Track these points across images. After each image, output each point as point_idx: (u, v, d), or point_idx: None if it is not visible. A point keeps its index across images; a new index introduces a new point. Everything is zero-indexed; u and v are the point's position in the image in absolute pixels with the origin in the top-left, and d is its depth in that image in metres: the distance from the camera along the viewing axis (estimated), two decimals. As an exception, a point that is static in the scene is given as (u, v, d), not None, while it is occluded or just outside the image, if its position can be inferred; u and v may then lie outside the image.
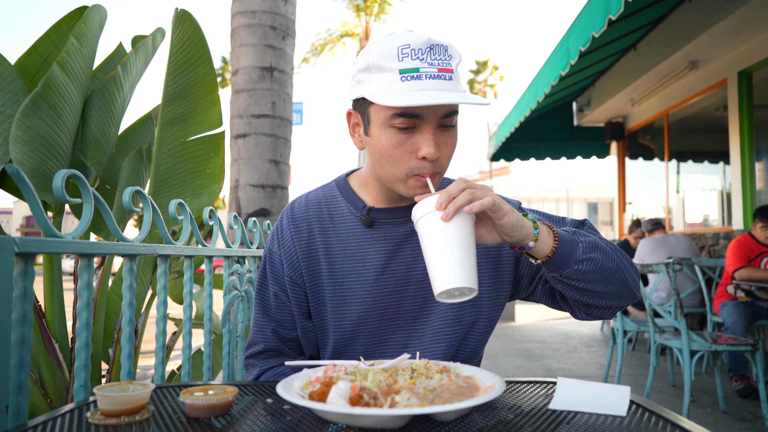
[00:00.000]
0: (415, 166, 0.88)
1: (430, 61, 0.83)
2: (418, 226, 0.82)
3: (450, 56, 0.85)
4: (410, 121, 0.86)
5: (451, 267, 0.77)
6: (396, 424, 0.63)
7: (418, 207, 0.82)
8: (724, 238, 5.14)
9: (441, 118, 0.87)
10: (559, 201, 36.20)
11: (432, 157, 0.86)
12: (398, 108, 0.85)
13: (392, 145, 0.87)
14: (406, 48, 0.83)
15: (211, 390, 0.72)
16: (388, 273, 0.98)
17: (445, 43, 0.85)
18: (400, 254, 0.98)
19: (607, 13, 3.16)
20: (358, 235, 0.99)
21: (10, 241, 0.75)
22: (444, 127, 0.89)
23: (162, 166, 2.01)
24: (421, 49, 0.83)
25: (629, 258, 0.97)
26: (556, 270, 0.88)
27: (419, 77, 0.83)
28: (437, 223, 0.79)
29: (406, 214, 0.98)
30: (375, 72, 0.86)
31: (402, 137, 0.87)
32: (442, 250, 0.78)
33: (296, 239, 1.00)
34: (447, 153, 0.90)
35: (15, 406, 0.75)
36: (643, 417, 0.67)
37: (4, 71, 1.61)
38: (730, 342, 2.81)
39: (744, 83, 5.01)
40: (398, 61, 0.83)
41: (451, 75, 0.85)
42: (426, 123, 0.86)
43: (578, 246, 0.88)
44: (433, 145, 0.86)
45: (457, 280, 0.76)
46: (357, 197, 1.01)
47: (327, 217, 1.01)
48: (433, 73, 0.83)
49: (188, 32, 2.03)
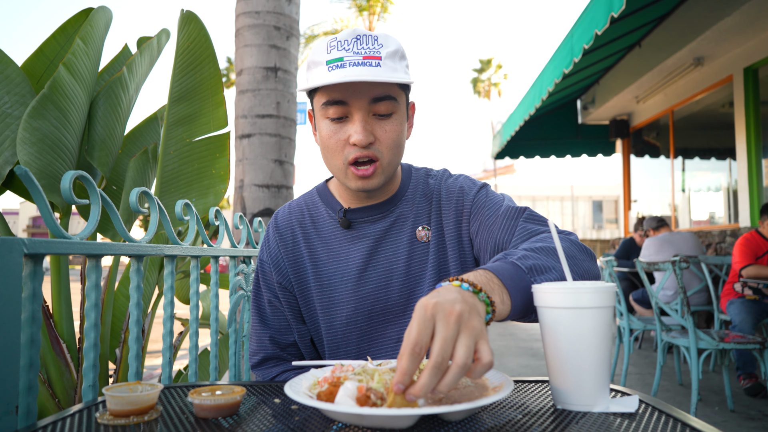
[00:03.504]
0: (348, 152, 0.91)
1: (355, 51, 0.87)
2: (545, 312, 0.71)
3: (381, 45, 0.89)
4: (340, 110, 0.90)
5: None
6: (404, 424, 0.63)
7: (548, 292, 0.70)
8: (730, 235, 5.11)
9: (371, 105, 0.90)
10: (564, 199, 36.09)
11: (360, 143, 0.89)
12: (319, 92, 0.90)
13: (328, 135, 0.92)
14: (333, 41, 0.89)
15: (219, 390, 0.72)
16: (371, 270, 1.00)
17: (375, 35, 0.90)
18: (380, 250, 1.00)
19: (610, 11, 3.15)
20: (339, 237, 1.02)
21: (20, 243, 0.75)
22: (380, 117, 0.91)
23: (168, 166, 2.02)
24: (347, 40, 0.88)
25: (574, 245, 0.85)
26: (520, 318, 0.78)
27: (343, 65, 0.86)
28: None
29: (380, 211, 1.02)
30: (312, 67, 0.91)
31: (335, 127, 0.91)
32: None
33: (282, 247, 1.04)
34: (386, 141, 0.92)
35: (25, 406, 0.75)
36: (653, 416, 0.67)
37: (11, 73, 1.62)
38: (738, 340, 2.79)
39: (750, 79, 4.97)
40: (326, 54, 0.88)
41: (378, 62, 0.87)
42: (354, 110, 0.90)
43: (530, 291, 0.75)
44: (361, 130, 0.89)
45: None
46: (335, 200, 1.04)
47: (309, 222, 1.04)
48: (357, 61, 0.87)
49: (194, 33, 2.04)
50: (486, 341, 0.60)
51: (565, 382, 0.70)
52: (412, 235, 1.01)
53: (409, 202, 1.04)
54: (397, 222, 1.02)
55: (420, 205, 1.04)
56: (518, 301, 0.72)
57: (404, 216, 1.02)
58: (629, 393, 0.77)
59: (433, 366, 0.57)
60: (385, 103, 0.90)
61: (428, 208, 1.04)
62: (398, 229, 1.02)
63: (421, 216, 1.03)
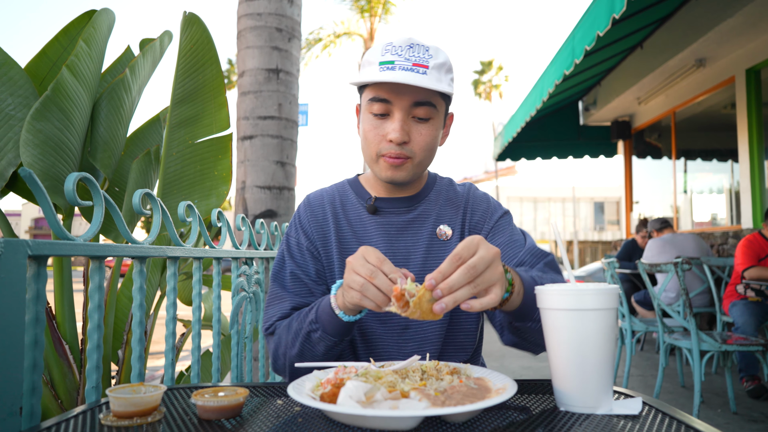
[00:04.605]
0: (383, 147, 1.00)
1: (407, 57, 0.95)
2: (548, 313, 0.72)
3: (430, 55, 0.96)
4: (383, 107, 0.98)
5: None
6: (407, 426, 0.63)
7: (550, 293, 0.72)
8: (733, 237, 5.10)
9: (412, 108, 0.98)
10: (566, 201, 36.05)
11: (396, 140, 0.97)
12: (368, 88, 0.99)
13: (369, 128, 1.01)
14: (389, 46, 0.97)
15: (222, 392, 0.73)
16: (389, 255, 1.06)
17: (427, 45, 0.98)
18: (401, 240, 1.08)
19: (612, 12, 3.14)
20: (364, 221, 1.10)
21: (24, 244, 0.76)
22: (418, 120, 0.99)
23: (170, 168, 2.02)
24: (401, 46, 0.96)
25: None
26: (516, 319, 0.89)
27: (393, 68, 0.95)
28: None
29: (405, 204, 1.10)
30: (365, 66, 1.00)
31: (377, 122, 1.00)
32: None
33: (312, 220, 1.11)
34: (420, 143, 1.00)
35: (29, 407, 0.76)
36: (656, 418, 0.67)
37: (14, 75, 1.62)
38: (741, 342, 2.78)
39: (752, 81, 4.97)
40: (380, 56, 0.97)
41: (425, 70, 0.95)
42: (396, 109, 0.98)
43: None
44: (399, 129, 0.97)
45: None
46: (364, 190, 1.13)
47: (339, 204, 1.13)
48: (407, 66, 0.94)
49: (196, 35, 2.04)
50: (503, 289, 0.74)
51: (568, 384, 0.70)
52: (432, 232, 1.09)
53: (433, 203, 1.12)
54: (420, 217, 1.10)
55: (444, 207, 1.12)
56: (525, 306, 0.85)
57: (427, 213, 1.10)
58: (632, 395, 0.77)
59: (467, 266, 0.71)
60: (425, 108, 0.98)
61: (453, 211, 1.12)
62: (420, 224, 1.09)
63: (444, 217, 1.11)
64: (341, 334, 0.92)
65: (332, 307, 0.89)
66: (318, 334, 0.92)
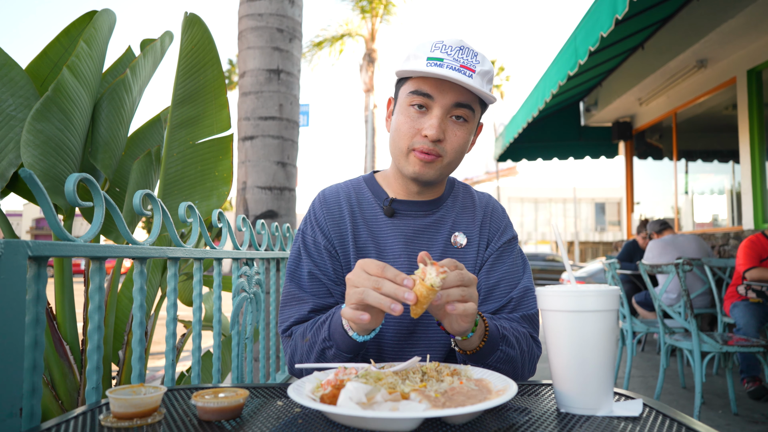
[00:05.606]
0: (415, 141, 0.99)
1: (456, 57, 0.95)
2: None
3: (478, 61, 0.96)
4: (423, 100, 0.98)
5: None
6: (408, 427, 0.63)
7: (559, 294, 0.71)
8: (734, 238, 5.09)
9: (452, 108, 0.98)
10: (566, 201, 36.02)
11: (432, 137, 0.97)
12: (410, 78, 0.99)
13: (405, 120, 1.00)
14: (440, 43, 0.97)
15: (222, 393, 0.72)
16: (404, 258, 1.05)
17: (476, 50, 0.97)
18: (416, 242, 1.06)
19: (614, 13, 3.14)
20: (380, 222, 1.08)
21: (24, 245, 0.76)
22: (456, 119, 0.99)
23: (171, 168, 2.02)
24: (451, 46, 0.96)
25: (534, 352, 1.03)
26: (470, 359, 0.92)
27: (441, 65, 0.94)
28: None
29: (423, 208, 1.08)
30: (411, 59, 0.99)
31: (414, 115, 0.99)
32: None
33: (328, 216, 1.09)
34: (453, 143, 1.00)
35: (29, 408, 0.76)
36: (657, 420, 0.67)
37: (15, 76, 1.62)
38: (742, 343, 2.78)
39: (753, 82, 4.96)
40: (429, 51, 0.96)
41: (471, 73, 0.95)
42: (436, 105, 0.97)
43: (496, 353, 0.93)
44: (436, 126, 0.96)
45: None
46: (381, 189, 1.11)
47: (355, 202, 1.11)
48: (455, 66, 0.94)
49: (197, 36, 2.04)
50: (473, 318, 0.82)
51: (568, 386, 0.70)
52: (447, 239, 1.08)
53: (449, 209, 1.11)
54: (437, 223, 1.09)
55: (460, 214, 1.12)
56: (483, 351, 0.91)
57: (444, 219, 1.10)
58: (633, 396, 0.77)
59: (461, 272, 0.79)
60: (464, 110, 0.99)
61: (469, 219, 1.11)
62: (435, 230, 1.09)
63: (459, 224, 1.10)
64: (355, 351, 0.91)
65: (345, 328, 0.88)
66: (332, 351, 0.91)
